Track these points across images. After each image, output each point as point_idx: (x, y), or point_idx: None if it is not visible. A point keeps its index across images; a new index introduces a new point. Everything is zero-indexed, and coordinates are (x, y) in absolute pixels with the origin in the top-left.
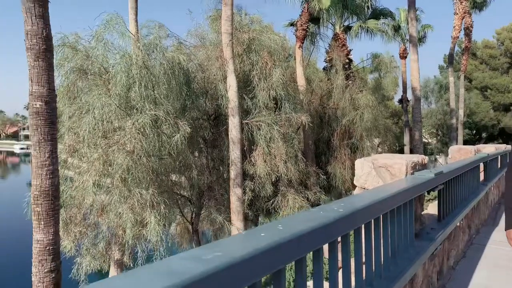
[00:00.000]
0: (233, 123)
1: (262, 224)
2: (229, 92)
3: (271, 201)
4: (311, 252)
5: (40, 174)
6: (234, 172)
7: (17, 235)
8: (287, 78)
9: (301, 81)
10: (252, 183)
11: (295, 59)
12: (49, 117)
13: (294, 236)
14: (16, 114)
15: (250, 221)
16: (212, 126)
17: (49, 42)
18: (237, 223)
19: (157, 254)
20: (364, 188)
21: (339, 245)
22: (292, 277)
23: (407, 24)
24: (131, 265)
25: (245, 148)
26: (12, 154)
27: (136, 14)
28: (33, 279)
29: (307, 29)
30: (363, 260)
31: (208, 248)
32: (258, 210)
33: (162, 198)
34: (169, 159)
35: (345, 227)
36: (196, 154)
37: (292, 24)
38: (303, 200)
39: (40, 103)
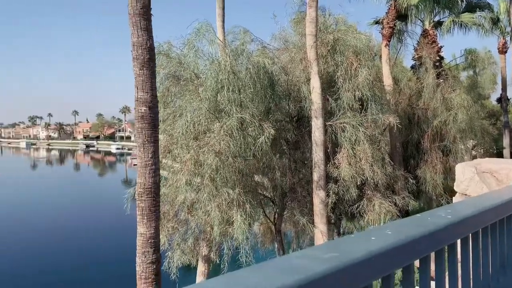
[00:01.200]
0: (317, 125)
1: (345, 228)
2: (312, 94)
3: (356, 205)
4: (418, 260)
5: (144, 173)
6: (317, 174)
7: (119, 227)
8: (372, 78)
9: (387, 81)
10: (336, 186)
11: (380, 58)
12: (152, 120)
13: (403, 242)
14: (113, 117)
15: (332, 224)
16: (295, 128)
17: (152, 52)
18: (320, 225)
19: (242, 252)
20: (465, 195)
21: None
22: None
23: (508, 15)
24: (218, 261)
25: (328, 150)
26: (109, 153)
27: (223, 21)
28: (137, 268)
29: (394, 27)
30: (471, 269)
31: (322, 248)
32: (341, 213)
33: (248, 197)
34: (254, 160)
35: (453, 235)
36: (279, 155)
37: (377, 22)
38: (390, 205)
39: (144, 108)
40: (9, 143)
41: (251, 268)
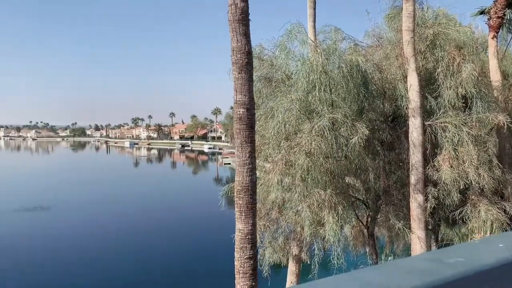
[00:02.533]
0: (414, 124)
1: (443, 235)
2: (409, 92)
3: (458, 211)
4: None
5: (242, 171)
6: (414, 177)
7: (212, 222)
8: (477, 73)
9: (495, 76)
10: (436, 189)
11: (486, 51)
12: (249, 122)
13: None
14: (206, 118)
15: (430, 230)
16: (390, 128)
17: (250, 56)
18: (417, 231)
19: (334, 254)
20: None
21: None
22: None
23: None
24: (308, 261)
25: (427, 152)
26: (202, 152)
27: (314, 21)
28: (235, 263)
29: (503, 16)
30: None
31: (446, 252)
32: (440, 219)
33: (339, 199)
34: (345, 161)
35: None
36: (372, 157)
37: (482, 12)
38: (499, 213)
39: (242, 110)
40: (115, 143)
41: (371, 268)
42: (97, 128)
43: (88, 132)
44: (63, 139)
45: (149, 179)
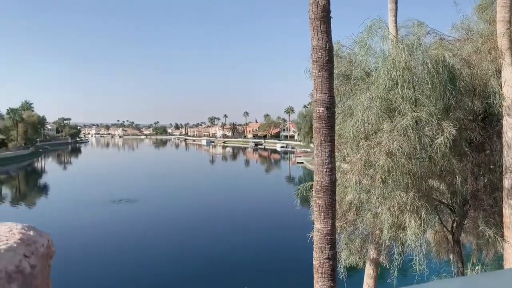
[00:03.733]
0: (509, 123)
1: None
2: (504, 88)
3: None
4: None
5: (321, 171)
6: (509, 181)
7: (287, 220)
8: None
9: None
10: None
11: None
12: (329, 120)
13: None
14: (278, 117)
15: None
16: (480, 128)
17: (331, 54)
18: (511, 240)
19: (416, 260)
20: None
21: None
22: None
23: None
24: (387, 265)
25: None
26: (275, 151)
27: (396, 15)
28: (314, 263)
29: None
30: None
31: None
32: None
33: (422, 202)
34: (429, 163)
35: None
36: (459, 158)
37: None
38: None
39: (322, 108)
40: (193, 141)
41: (486, 274)
42: (177, 127)
43: (169, 130)
44: (146, 136)
45: (223, 175)
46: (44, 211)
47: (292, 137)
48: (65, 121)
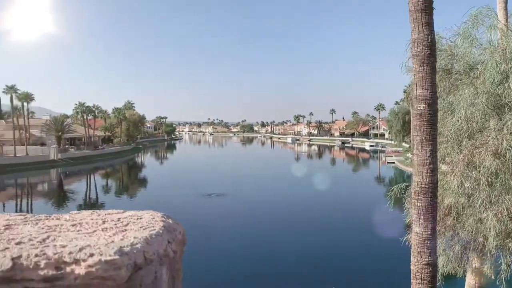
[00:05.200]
0: None
1: None
2: None
3: None
4: None
5: (421, 171)
6: None
7: (375, 221)
8: None
9: None
10: None
11: None
12: (431, 118)
13: None
14: (367, 114)
15: None
16: None
17: (433, 47)
18: None
19: None
20: None
21: None
22: None
23: None
24: (492, 277)
25: None
26: (363, 150)
27: (506, 2)
28: (412, 268)
29: None
30: None
31: None
32: None
33: None
34: None
35: None
36: None
37: None
38: None
39: (423, 105)
40: (279, 138)
41: None
42: (263, 125)
43: (255, 128)
44: (234, 134)
45: (308, 174)
46: (143, 202)
47: (382, 135)
48: (162, 120)
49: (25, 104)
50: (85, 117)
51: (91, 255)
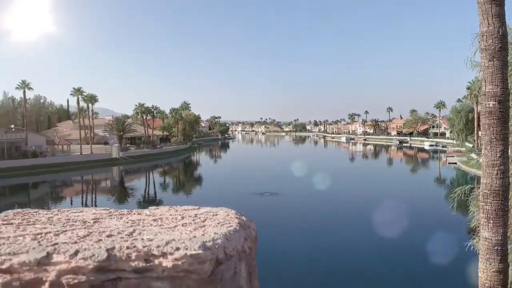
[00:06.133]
0: None
1: None
2: None
3: None
4: None
5: (491, 173)
6: None
7: (436, 224)
8: None
9: None
10: None
11: None
12: (502, 116)
13: None
14: (427, 112)
15: None
16: None
17: (505, 40)
18: None
19: None
20: None
21: None
22: None
23: None
24: None
25: None
26: (422, 150)
27: None
28: (479, 274)
29: None
30: None
31: None
32: None
33: None
34: None
35: None
36: None
37: None
38: None
39: (493, 102)
40: (332, 138)
41: None
42: (315, 124)
43: (308, 127)
44: (286, 133)
45: (364, 174)
46: (200, 199)
47: (442, 134)
48: (216, 119)
49: (89, 105)
50: (144, 117)
51: (177, 249)
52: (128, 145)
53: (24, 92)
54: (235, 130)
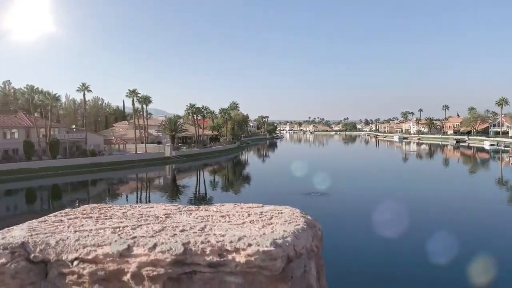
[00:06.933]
0: None
1: None
2: None
3: None
4: None
5: None
6: None
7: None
8: None
9: None
10: None
11: None
12: None
13: None
14: (487, 110)
15: None
16: None
17: None
18: None
19: None
20: None
21: None
22: None
23: None
24: None
25: None
26: (481, 150)
27: None
28: None
29: None
30: None
31: None
32: None
33: None
34: None
35: None
36: None
37: None
38: None
39: None
40: (384, 137)
41: None
42: (366, 123)
43: (359, 126)
44: (336, 133)
45: (419, 174)
46: (248, 196)
47: (505, 133)
48: (263, 119)
49: (144, 106)
50: (195, 117)
51: (249, 245)
52: (179, 144)
53: (84, 94)
54: (283, 130)
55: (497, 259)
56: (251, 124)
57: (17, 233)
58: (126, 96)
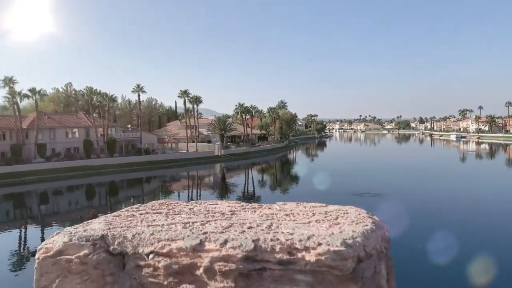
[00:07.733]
0: None
1: None
2: None
3: None
4: None
5: None
6: None
7: None
8: None
9: None
10: None
11: None
12: None
13: None
14: None
15: None
16: None
17: None
18: None
19: None
20: None
21: None
22: None
23: None
24: None
25: None
26: None
27: None
28: None
29: None
30: None
31: None
32: None
33: None
34: None
35: None
36: None
37: None
38: None
39: None
40: (440, 136)
41: None
42: (421, 121)
43: (412, 125)
44: (388, 131)
45: (479, 175)
46: (297, 195)
47: None
48: (312, 118)
49: (194, 106)
50: (243, 117)
51: (319, 244)
52: (228, 143)
53: (139, 95)
54: (332, 128)
55: None
56: (299, 123)
57: (97, 226)
58: (178, 96)
